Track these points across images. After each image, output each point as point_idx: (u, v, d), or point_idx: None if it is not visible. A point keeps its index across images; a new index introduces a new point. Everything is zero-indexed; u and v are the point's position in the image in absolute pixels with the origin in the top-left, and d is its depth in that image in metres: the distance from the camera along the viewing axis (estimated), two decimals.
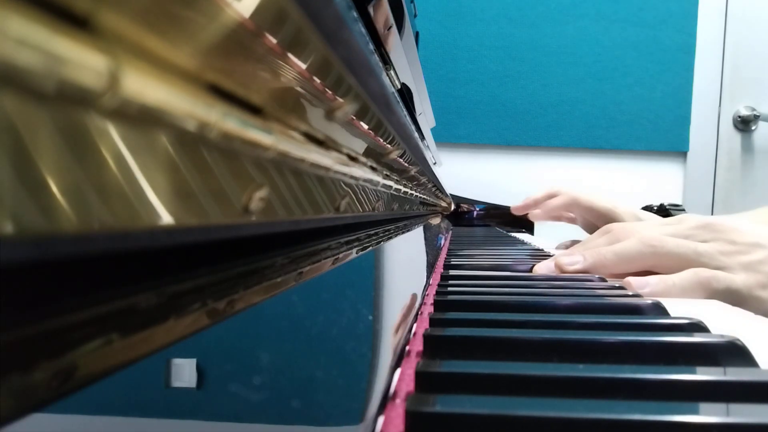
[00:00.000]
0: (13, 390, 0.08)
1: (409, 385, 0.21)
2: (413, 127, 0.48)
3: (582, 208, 0.89)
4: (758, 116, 1.82)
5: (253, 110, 0.16)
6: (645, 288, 0.46)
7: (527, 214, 0.99)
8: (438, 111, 1.64)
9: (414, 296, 0.34)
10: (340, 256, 0.29)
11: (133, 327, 0.11)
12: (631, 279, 0.47)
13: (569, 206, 0.91)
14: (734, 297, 0.47)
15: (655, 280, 0.47)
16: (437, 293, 0.37)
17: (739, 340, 0.25)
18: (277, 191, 0.19)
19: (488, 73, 1.82)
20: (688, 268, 0.48)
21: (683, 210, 0.93)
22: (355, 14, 0.21)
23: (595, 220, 0.88)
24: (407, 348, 0.25)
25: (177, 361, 0.12)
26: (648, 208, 0.99)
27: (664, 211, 0.95)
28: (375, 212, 0.40)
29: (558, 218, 0.94)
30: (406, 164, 0.52)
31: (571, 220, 0.94)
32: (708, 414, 0.18)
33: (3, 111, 0.07)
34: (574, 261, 0.53)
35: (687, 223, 0.53)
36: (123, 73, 0.09)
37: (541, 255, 0.70)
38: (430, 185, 0.89)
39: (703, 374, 0.21)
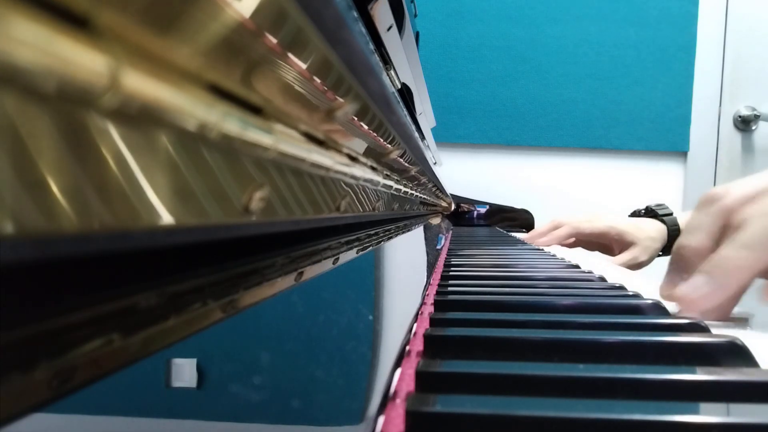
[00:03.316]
0: (13, 390, 0.08)
1: (410, 385, 0.21)
2: (413, 127, 0.48)
3: (585, 235, 1.01)
4: (758, 116, 1.82)
5: (254, 110, 0.16)
6: None
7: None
8: (438, 111, 1.64)
9: (414, 296, 0.34)
10: (341, 256, 0.29)
11: (133, 327, 0.11)
12: None
13: (572, 235, 1.02)
14: None
15: None
16: (438, 293, 0.37)
17: (739, 339, 0.25)
18: (278, 191, 0.19)
19: (488, 73, 1.82)
20: None
21: (667, 209, 0.99)
22: (355, 14, 0.21)
23: (603, 241, 1.00)
24: (407, 348, 0.25)
25: (177, 361, 0.12)
26: (636, 214, 1.06)
27: (651, 213, 1.01)
28: (375, 212, 0.40)
29: (561, 245, 1.05)
30: (406, 164, 0.52)
31: (571, 245, 1.05)
32: (708, 414, 0.18)
33: (3, 111, 0.07)
34: (697, 285, 0.37)
35: None
36: (123, 72, 0.09)
37: (541, 255, 0.70)
38: (430, 185, 0.89)
39: (703, 374, 0.21)
